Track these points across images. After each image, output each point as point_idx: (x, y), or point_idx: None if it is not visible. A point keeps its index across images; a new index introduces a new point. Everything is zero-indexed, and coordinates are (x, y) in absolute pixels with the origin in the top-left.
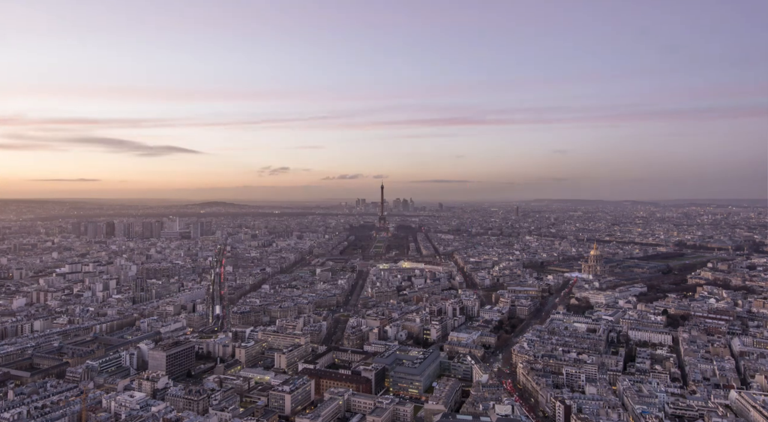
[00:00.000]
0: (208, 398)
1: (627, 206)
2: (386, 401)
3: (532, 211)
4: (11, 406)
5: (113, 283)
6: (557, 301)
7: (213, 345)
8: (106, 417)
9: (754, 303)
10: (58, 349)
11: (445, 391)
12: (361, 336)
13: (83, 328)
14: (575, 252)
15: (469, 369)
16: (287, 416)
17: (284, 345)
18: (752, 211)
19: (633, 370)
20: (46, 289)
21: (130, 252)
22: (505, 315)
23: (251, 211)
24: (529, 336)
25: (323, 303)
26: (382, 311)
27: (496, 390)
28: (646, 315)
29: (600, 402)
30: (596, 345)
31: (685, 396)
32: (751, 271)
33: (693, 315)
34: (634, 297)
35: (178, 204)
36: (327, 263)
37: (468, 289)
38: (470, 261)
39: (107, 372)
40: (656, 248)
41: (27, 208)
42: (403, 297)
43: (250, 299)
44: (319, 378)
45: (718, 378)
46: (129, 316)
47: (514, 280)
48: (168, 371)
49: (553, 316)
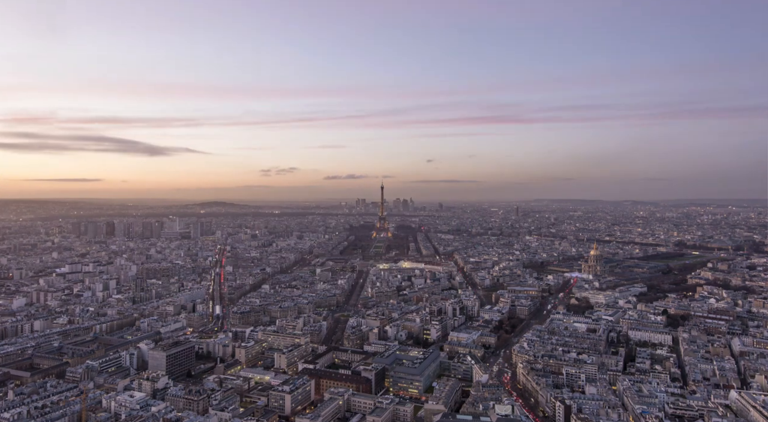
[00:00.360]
0: (208, 398)
1: (627, 206)
2: (386, 401)
3: (532, 211)
4: (11, 406)
5: (113, 283)
6: (557, 301)
7: (213, 345)
8: (106, 417)
9: (754, 303)
10: (58, 349)
11: (445, 391)
12: (361, 336)
13: (83, 328)
14: (575, 252)
15: (469, 369)
16: (287, 416)
17: (284, 345)
18: (752, 211)
19: (633, 370)
20: (46, 289)
21: (130, 252)
22: (505, 315)
23: (251, 211)
24: (529, 336)
25: (323, 303)
26: (382, 311)
27: (496, 390)
28: (646, 315)
29: (600, 402)
30: (596, 345)
31: (685, 396)
32: (751, 271)
33: (693, 315)
34: (634, 297)
35: (179, 204)
36: (327, 263)
37: (468, 289)
38: (470, 261)
39: (107, 372)
40: (656, 248)
41: (27, 208)
42: (403, 297)
43: (250, 299)
44: (319, 378)
45: (718, 378)
46: (129, 316)
47: (514, 280)
48: (168, 371)
49: (553, 316)
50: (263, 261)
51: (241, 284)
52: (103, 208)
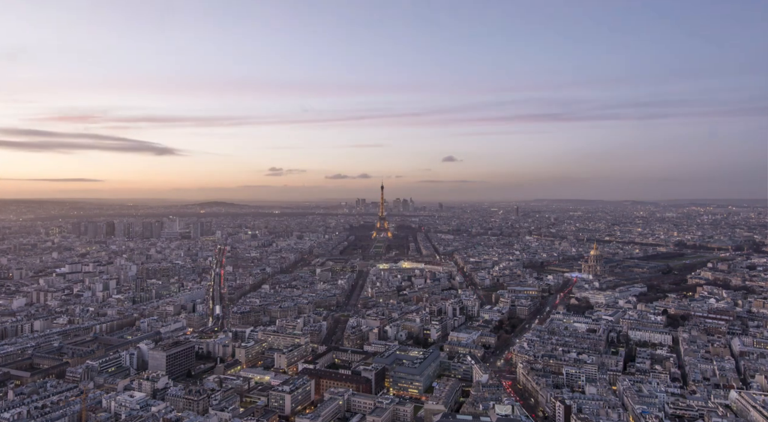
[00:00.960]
0: (208, 398)
1: (627, 206)
2: (386, 401)
3: (532, 211)
4: (11, 406)
5: (113, 283)
6: (557, 301)
7: (213, 345)
8: (106, 417)
9: (754, 303)
10: (58, 349)
11: (445, 391)
12: (361, 336)
13: (83, 328)
14: (575, 252)
15: (469, 369)
16: (287, 416)
17: (284, 345)
18: (752, 211)
19: (633, 370)
20: (46, 289)
21: (130, 252)
22: (505, 315)
23: (251, 211)
24: (529, 336)
25: (323, 303)
26: (382, 311)
27: (496, 390)
28: (646, 315)
29: (600, 402)
30: (596, 345)
31: (685, 396)
32: (751, 271)
33: (693, 315)
34: (634, 297)
35: (178, 204)
36: (327, 263)
37: (468, 289)
38: (470, 261)
39: (107, 372)
40: (656, 248)
41: (27, 208)
42: (403, 297)
43: (250, 299)
44: (319, 378)
45: (718, 378)
46: (129, 316)
47: (514, 280)
48: (168, 371)
49: (553, 316)
50: (263, 261)
51: (241, 284)
52: (103, 207)
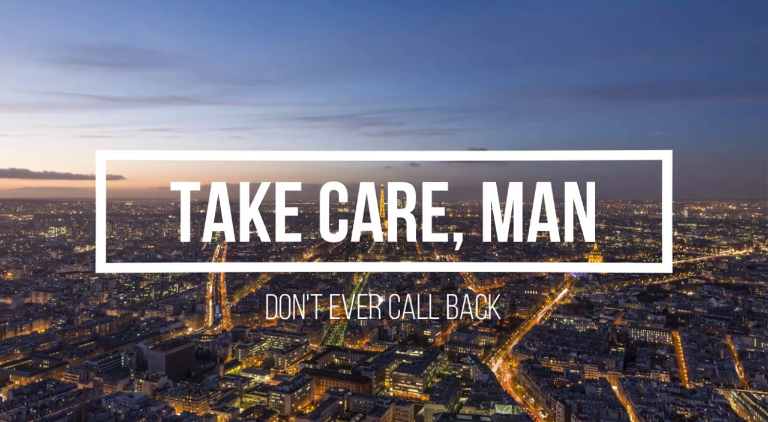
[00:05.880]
0: (207, 398)
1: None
2: (386, 401)
3: None
4: (9, 406)
5: (113, 283)
6: (557, 301)
7: (213, 345)
8: (105, 417)
9: (754, 303)
10: (57, 349)
11: (445, 391)
12: (361, 336)
13: (82, 328)
14: None
15: (468, 369)
16: (287, 416)
17: (284, 345)
18: (752, 211)
19: (633, 370)
20: (45, 289)
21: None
22: (505, 315)
23: None
24: (529, 335)
25: (323, 303)
26: (382, 310)
27: (496, 390)
28: (646, 314)
29: (600, 402)
30: (596, 344)
31: (685, 396)
32: (751, 271)
33: (693, 315)
34: (634, 296)
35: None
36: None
37: (468, 289)
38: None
39: (106, 372)
40: None
41: (27, 208)
42: (403, 296)
43: (251, 299)
44: (319, 378)
45: (718, 378)
46: (128, 316)
47: None
48: (167, 371)
49: (553, 316)
50: None
51: (241, 284)
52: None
